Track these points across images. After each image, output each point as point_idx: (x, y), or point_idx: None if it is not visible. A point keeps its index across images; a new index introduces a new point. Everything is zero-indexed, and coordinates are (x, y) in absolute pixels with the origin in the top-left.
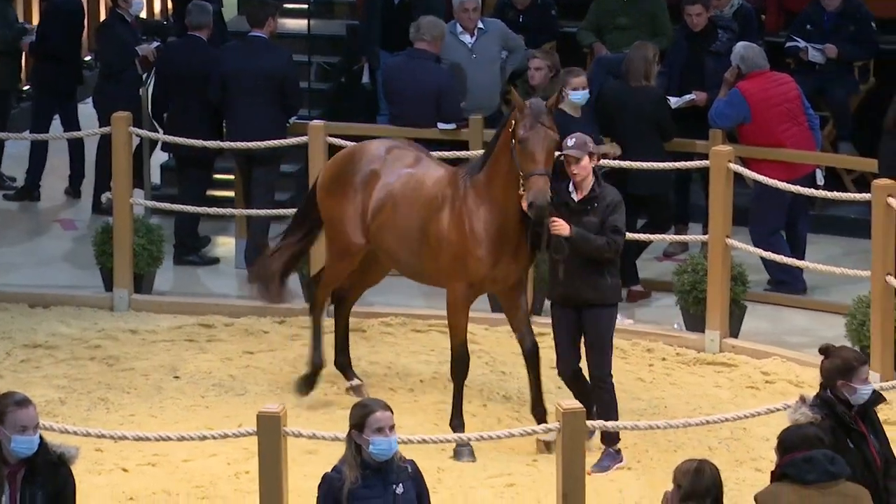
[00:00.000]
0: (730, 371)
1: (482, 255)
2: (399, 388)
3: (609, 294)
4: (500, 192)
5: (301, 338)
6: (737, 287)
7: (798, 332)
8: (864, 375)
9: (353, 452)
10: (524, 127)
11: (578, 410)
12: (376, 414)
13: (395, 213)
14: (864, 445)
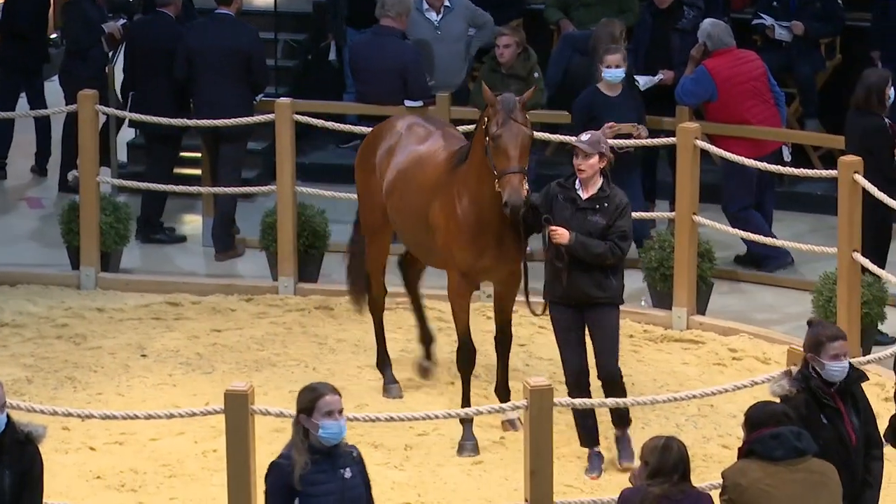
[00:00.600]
0: (697, 348)
1: (464, 246)
2: (366, 366)
3: (615, 293)
4: (476, 185)
5: (268, 315)
6: (704, 264)
7: (765, 309)
8: (833, 352)
9: (300, 437)
10: (496, 123)
11: (545, 388)
12: (326, 398)
13: (403, 197)
14: (838, 422)
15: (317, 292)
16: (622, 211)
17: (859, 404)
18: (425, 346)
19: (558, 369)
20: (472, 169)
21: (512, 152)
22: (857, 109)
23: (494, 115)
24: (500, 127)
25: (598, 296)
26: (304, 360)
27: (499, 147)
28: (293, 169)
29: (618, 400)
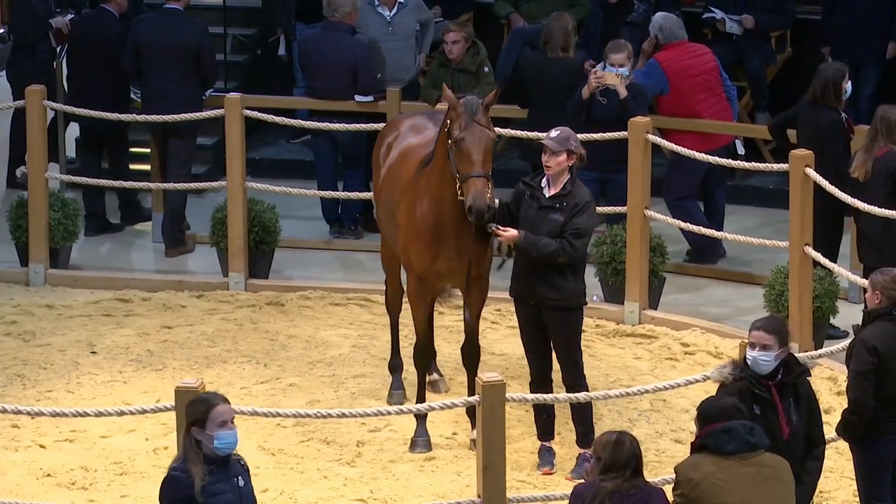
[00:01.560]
0: (649, 342)
1: (420, 248)
2: (318, 362)
3: (569, 296)
4: (437, 187)
5: (219, 312)
6: (656, 258)
7: (717, 303)
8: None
9: (193, 449)
10: (459, 126)
11: (497, 383)
12: (218, 408)
13: (387, 194)
14: (771, 414)
15: (268, 288)
16: (581, 208)
17: (802, 401)
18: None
19: (511, 364)
20: (434, 171)
21: (475, 156)
22: (812, 103)
23: (457, 118)
24: (463, 130)
25: (552, 297)
26: (256, 356)
27: (461, 151)
28: (243, 164)
29: (570, 395)
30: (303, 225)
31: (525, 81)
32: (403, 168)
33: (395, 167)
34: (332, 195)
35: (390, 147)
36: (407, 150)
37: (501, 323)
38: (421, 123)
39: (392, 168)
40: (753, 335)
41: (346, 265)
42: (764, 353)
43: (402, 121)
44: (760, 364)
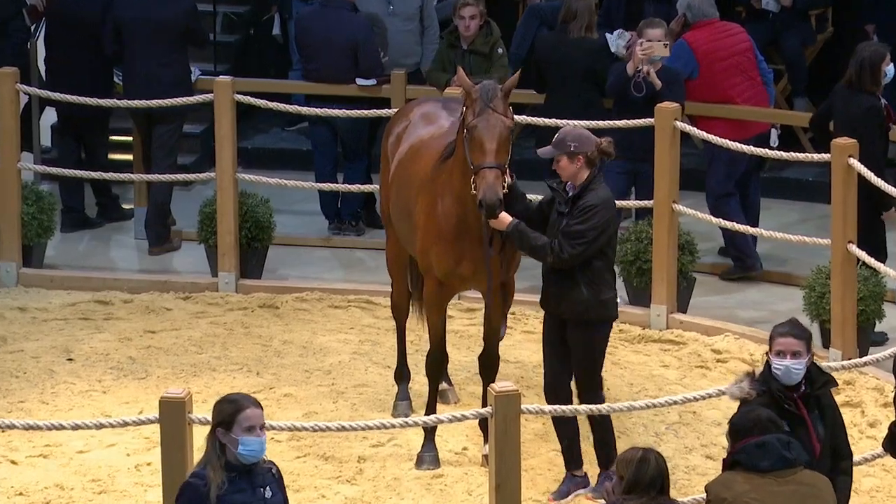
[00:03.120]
0: (678, 349)
1: (441, 250)
2: (315, 371)
3: (583, 309)
4: (460, 183)
5: (207, 315)
6: (684, 257)
7: (751, 306)
8: (777, 348)
9: (216, 453)
10: (472, 113)
11: (511, 393)
12: (247, 411)
13: (399, 190)
14: (801, 430)
15: (260, 289)
16: (583, 211)
17: (826, 412)
18: None
19: (527, 373)
20: (456, 164)
21: (488, 145)
22: (848, 87)
23: (471, 105)
24: (476, 117)
25: (566, 312)
26: (247, 363)
27: (474, 139)
28: (234, 154)
29: (591, 407)
30: (299, 220)
31: (542, 64)
32: (417, 162)
33: (407, 161)
34: (330, 188)
35: (400, 139)
36: (420, 142)
37: (516, 327)
38: (433, 111)
39: (403, 162)
40: (781, 342)
41: (347, 264)
42: (796, 361)
43: (413, 109)
44: (793, 374)
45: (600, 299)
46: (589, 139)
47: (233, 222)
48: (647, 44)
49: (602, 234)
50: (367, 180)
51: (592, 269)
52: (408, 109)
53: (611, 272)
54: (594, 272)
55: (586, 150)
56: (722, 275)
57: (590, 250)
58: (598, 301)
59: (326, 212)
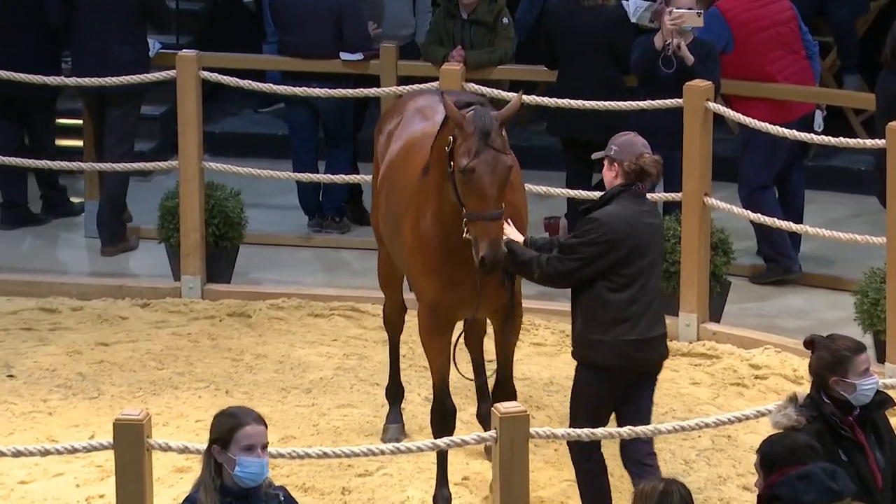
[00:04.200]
0: (710, 364)
1: (428, 272)
2: (293, 389)
3: (573, 344)
4: (437, 203)
5: (168, 325)
6: (718, 258)
7: (795, 315)
8: (862, 367)
9: (211, 474)
10: (467, 153)
11: (519, 415)
12: (247, 428)
13: (387, 198)
14: (860, 458)
15: (230, 295)
16: (584, 224)
17: (883, 437)
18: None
19: (536, 391)
20: (434, 183)
21: (490, 192)
22: (887, 66)
23: (465, 140)
24: (473, 158)
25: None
26: (215, 380)
27: (471, 184)
28: (200, 139)
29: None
30: (274, 216)
31: (554, 34)
32: (407, 167)
33: (397, 165)
34: (311, 178)
35: (391, 137)
36: (412, 143)
37: (524, 339)
38: (430, 105)
39: (393, 166)
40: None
41: (329, 266)
42: (870, 379)
43: (407, 103)
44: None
45: (587, 338)
46: (632, 148)
47: (198, 218)
48: (676, 13)
49: (602, 258)
50: (353, 169)
51: (589, 300)
52: (402, 103)
53: (615, 311)
54: (589, 304)
55: (623, 160)
56: (753, 278)
57: (583, 273)
58: (584, 340)
59: (306, 206)
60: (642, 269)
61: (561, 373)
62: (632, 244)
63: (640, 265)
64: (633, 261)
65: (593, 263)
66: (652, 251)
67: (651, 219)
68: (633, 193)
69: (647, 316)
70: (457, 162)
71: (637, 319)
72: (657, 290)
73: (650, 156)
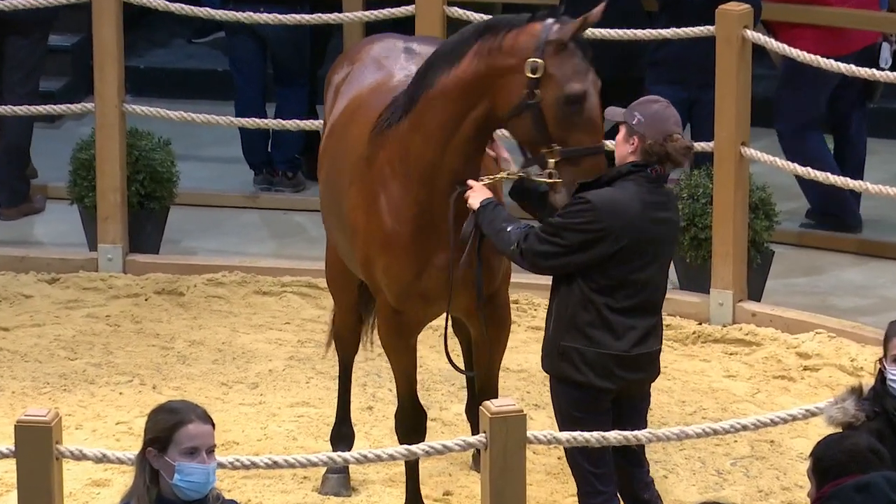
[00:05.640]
0: (749, 352)
1: (392, 261)
2: (236, 384)
3: (543, 350)
4: (431, 153)
5: (83, 304)
6: (758, 222)
7: (853, 291)
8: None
9: (146, 482)
10: (575, 75)
11: (514, 415)
12: (189, 427)
13: (328, 175)
14: None
15: (158, 268)
16: (573, 204)
17: None
18: None
19: (535, 385)
20: (428, 123)
21: (600, 120)
22: None
23: (565, 60)
24: (582, 80)
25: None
26: (140, 373)
27: (583, 114)
28: (120, 76)
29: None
30: (213, 170)
31: None
32: (351, 131)
33: (340, 129)
34: (257, 124)
35: (338, 92)
36: (359, 101)
37: (520, 322)
38: (389, 52)
39: (335, 131)
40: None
41: (280, 232)
42: None
43: (361, 49)
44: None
45: (558, 345)
46: (661, 124)
47: (119, 174)
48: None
49: (586, 250)
50: (310, 113)
51: (567, 296)
52: (355, 50)
53: (596, 315)
54: (567, 302)
55: (646, 135)
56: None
57: (561, 262)
58: (555, 347)
59: (252, 159)
60: (639, 272)
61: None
62: (629, 239)
63: (638, 266)
64: (628, 259)
65: (574, 253)
66: (656, 252)
67: (663, 212)
68: (645, 177)
69: (638, 328)
70: (556, 89)
71: (624, 330)
72: (658, 300)
73: (682, 140)
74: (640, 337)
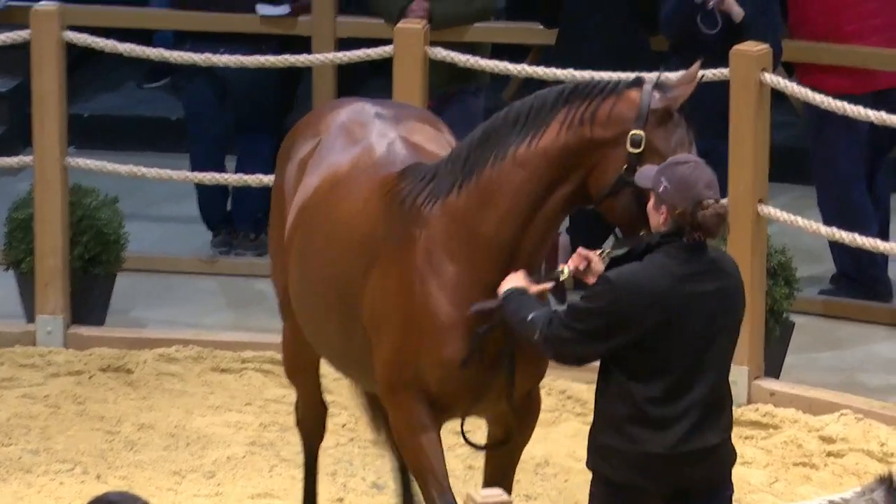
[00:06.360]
0: (766, 436)
1: (452, 347)
2: (190, 473)
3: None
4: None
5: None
6: (778, 289)
7: (883, 366)
8: None
9: None
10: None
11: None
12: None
13: (305, 254)
14: None
15: (104, 342)
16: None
17: None
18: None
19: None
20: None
21: None
22: None
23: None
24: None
25: None
26: (82, 460)
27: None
28: (62, 126)
29: None
30: (165, 231)
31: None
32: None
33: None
34: (216, 180)
35: (304, 167)
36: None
37: None
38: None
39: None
40: None
41: (240, 301)
42: None
43: (325, 117)
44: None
45: (596, 441)
46: (690, 190)
47: (60, 235)
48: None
49: (610, 336)
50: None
51: (607, 386)
52: (317, 118)
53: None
54: (607, 392)
55: (675, 203)
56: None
57: (585, 350)
58: (594, 443)
59: (209, 217)
60: (680, 355)
61: (560, 449)
62: (659, 320)
63: (677, 349)
64: (662, 343)
65: (599, 340)
66: (703, 330)
67: (707, 283)
68: (679, 247)
69: (686, 419)
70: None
71: (668, 423)
72: (714, 384)
73: (714, 206)
74: (686, 431)
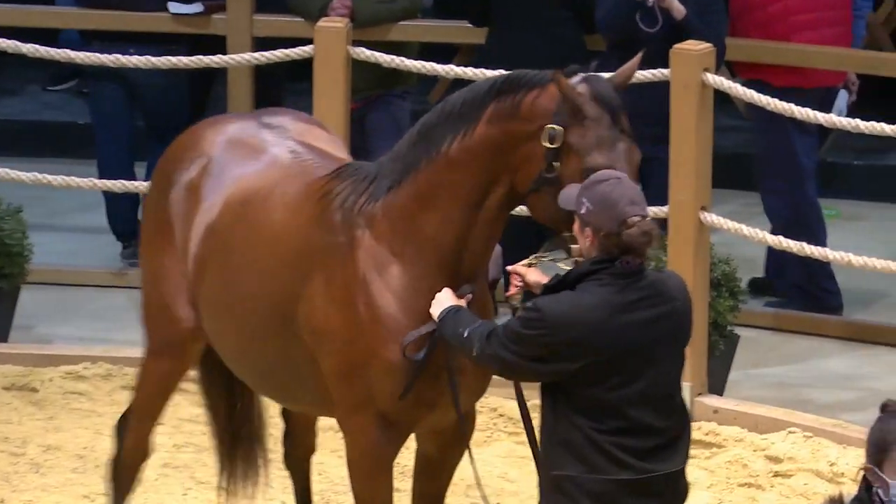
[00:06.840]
0: (709, 455)
1: (403, 362)
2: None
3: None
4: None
5: None
6: (721, 301)
7: (834, 382)
8: None
9: None
10: (590, 144)
11: None
12: None
13: (228, 277)
14: None
15: (8, 359)
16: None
17: None
18: None
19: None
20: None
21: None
22: None
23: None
24: (607, 148)
25: None
26: None
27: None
28: None
29: None
30: (73, 242)
31: None
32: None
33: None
34: (125, 188)
35: (196, 190)
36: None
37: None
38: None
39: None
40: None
41: None
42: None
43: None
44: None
45: (551, 475)
46: (613, 208)
47: None
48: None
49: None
50: None
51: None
52: (197, 137)
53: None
54: (555, 412)
55: (599, 225)
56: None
57: (524, 370)
58: (549, 479)
59: (118, 227)
60: (623, 388)
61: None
62: (595, 355)
63: (618, 383)
64: (602, 378)
65: (538, 362)
66: (647, 359)
67: (648, 310)
68: (613, 273)
69: (644, 447)
70: (575, 162)
71: (623, 452)
72: (667, 409)
73: (640, 223)
74: (647, 454)
